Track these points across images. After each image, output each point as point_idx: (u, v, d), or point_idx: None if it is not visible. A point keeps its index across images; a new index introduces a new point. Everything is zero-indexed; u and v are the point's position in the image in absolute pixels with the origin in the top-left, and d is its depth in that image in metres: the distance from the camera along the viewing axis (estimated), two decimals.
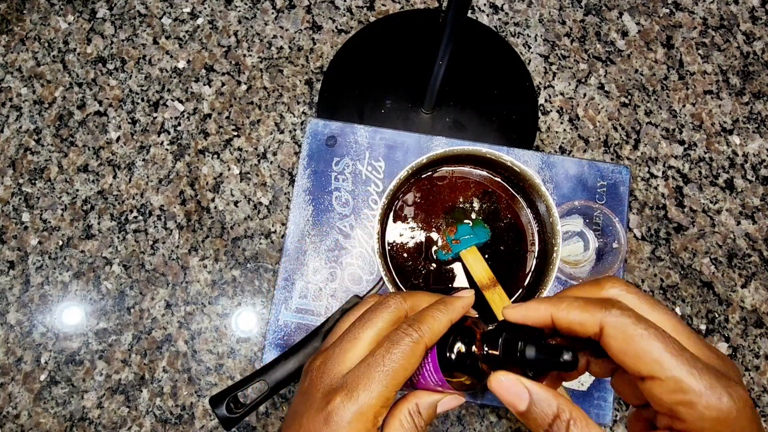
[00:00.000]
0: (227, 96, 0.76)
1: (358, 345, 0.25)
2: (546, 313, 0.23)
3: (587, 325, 0.22)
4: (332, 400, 0.23)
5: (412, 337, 0.24)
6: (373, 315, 0.26)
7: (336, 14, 0.79)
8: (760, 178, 0.73)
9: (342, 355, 0.24)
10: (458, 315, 0.27)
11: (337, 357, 0.24)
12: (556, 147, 0.74)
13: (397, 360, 0.23)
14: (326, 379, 0.24)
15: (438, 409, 0.27)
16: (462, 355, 0.25)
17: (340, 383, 0.23)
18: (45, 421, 0.65)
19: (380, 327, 0.25)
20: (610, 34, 0.79)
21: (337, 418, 0.22)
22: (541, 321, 0.23)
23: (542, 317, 0.23)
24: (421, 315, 0.25)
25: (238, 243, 0.70)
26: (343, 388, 0.23)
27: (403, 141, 0.55)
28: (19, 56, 0.77)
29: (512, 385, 0.22)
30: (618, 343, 0.21)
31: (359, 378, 0.23)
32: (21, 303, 0.68)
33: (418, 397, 0.26)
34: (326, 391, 0.23)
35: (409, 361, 0.24)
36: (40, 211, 0.71)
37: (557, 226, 0.41)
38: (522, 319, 0.24)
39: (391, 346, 0.24)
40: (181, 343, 0.67)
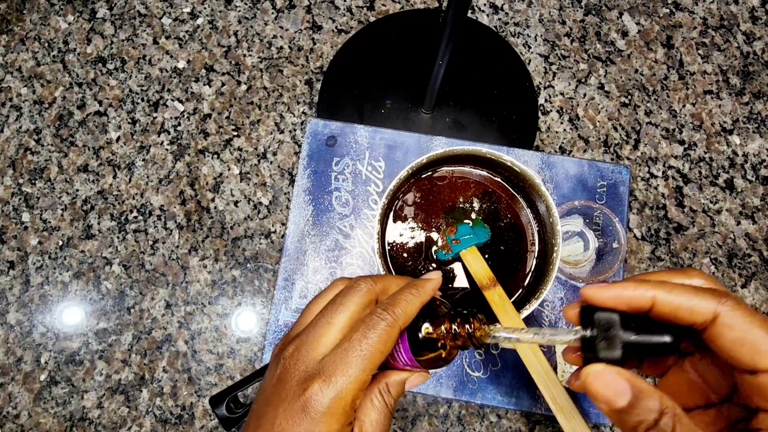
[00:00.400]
0: (227, 96, 0.76)
1: (332, 330, 0.24)
2: (648, 294, 0.21)
3: (698, 312, 0.20)
4: (309, 386, 0.22)
5: (387, 321, 0.24)
6: (345, 299, 0.25)
7: (336, 14, 0.79)
8: (760, 178, 0.73)
9: (316, 340, 0.24)
10: (428, 297, 0.27)
11: (311, 343, 0.24)
12: (556, 147, 0.74)
13: (373, 344, 0.23)
14: (301, 365, 0.23)
15: (405, 386, 0.28)
16: (430, 334, 0.26)
17: (316, 369, 0.23)
18: (45, 421, 0.65)
19: (353, 311, 0.25)
20: (610, 34, 0.79)
21: (315, 404, 0.22)
22: (636, 304, 0.21)
23: (641, 299, 0.21)
24: (394, 299, 0.26)
25: (238, 243, 0.70)
26: (320, 374, 0.23)
27: (403, 141, 0.55)
28: (19, 56, 0.77)
29: (612, 379, 0.20)
30: (734, 333, 0.20)
31: (336, 363, 0.23)
32: (21, 303, 0.68)
33: (387, 377, 0.27)
34: (302, 378, 0.23)
35: (385, 344, 0.24)
36: (40, 211, 0.71)
37: (557, 226, 0.41)
38: (614, 300, 0.22)
39: (368, 330, 0.24)
40: (181, 343, 0.67)
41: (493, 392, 0.49)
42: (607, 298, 0.22)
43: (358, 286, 0.26)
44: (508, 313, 0.38)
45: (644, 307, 0.22)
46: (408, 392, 0.65)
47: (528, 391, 0.50)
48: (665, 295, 0.21)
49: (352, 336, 0.24)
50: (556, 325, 0.51)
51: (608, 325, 0.21)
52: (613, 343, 0.21)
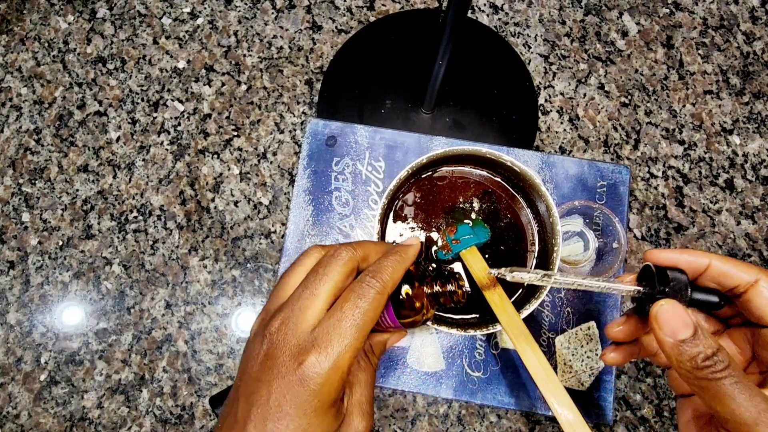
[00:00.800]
0: (227, 96, 0.76)
1: (317, 301, 0.24)
2: (703, 259, 0.26)
3: (741, 277, 0.25)
4: (305, 359, 0.22)
5: (377, 289, 0.24)
6: (328, 269, 0.25)
7: (336, 14, 0.79)
8: (760, 178, 0.73)
9: (302, 312, 0.24)
10: (411, 262, 0.28)
11: (298, 316, 0.24)
12: (556, 147, 0.74)
13: (365, 312, 0.23)
14: (291, 339, 0.23)
15: (387, 345, 0.29)
16: (411, 296, 0.28)
17: (309, 341, 0.23)
18: (45, 421, 0.65)
19: (337, 280, 0.25)
20: (610, 34, 0.79)
21: (313, 376, 0.22)
22: (695, 266, 0.26)
23: (699, 263, 0.26)
24: (380, 266, 0.26)
25: (238, 243, 0.70)
26: (315, 346, 0.22)
27: (403, 141, 0.55)
28: (19, 56, 0.77)
29: (680, 313, 0.23)
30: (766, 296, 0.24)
31: (331, 334, 0.23)
32: (21, 303, 0.68)
33: (370, 339, 0.28)
34: (295, 351, 0.23)
35: (375, 312, 0.24)
36: (40, 211, 0.71)
37: (557, 226, 0.41)
38: (676, 260, 0.26)
39: (359, 299, 0.24)
40: (181, 343, 0.67)
41: (493, 392, 0.49)
42: (671, 258, 0.27)
43: (339, 255, 0.26)
44: (508, 313, 0.38)
45: (699, 270, 0.26)
46: (408, 392, 0.65)
47: (528, 391, 0.50)
48: (719, 261, 0.26)
49: (344, 305, 0.24)
50: (556, 325, 0.51)
51: (680, 281, 0.26)
52: (680, 297, 0.25)
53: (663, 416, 0.66)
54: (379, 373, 0.46)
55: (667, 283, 0.26)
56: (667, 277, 0.26)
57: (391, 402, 0.63)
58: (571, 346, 0.51)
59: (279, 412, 0.22)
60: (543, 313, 0.51)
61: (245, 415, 0.23)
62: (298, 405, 0.22)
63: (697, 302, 0.26)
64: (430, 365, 0.51)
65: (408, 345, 0.50)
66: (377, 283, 0.25)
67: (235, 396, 0.24)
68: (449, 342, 0.50)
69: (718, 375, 0.22)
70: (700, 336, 0.23)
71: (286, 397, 0.22)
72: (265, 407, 0.22)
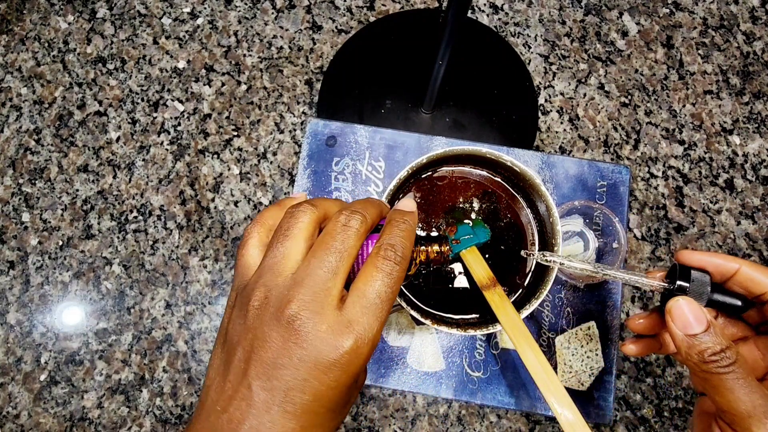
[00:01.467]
0: (227, 96, 0.76)
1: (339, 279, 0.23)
2: (733, 263, 0.27)
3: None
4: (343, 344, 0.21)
5: (402, 266, 0.24)
6: (344, 245, 0.23)
7: (336, 14, 0.79)
8: (760, 178, 0.73)
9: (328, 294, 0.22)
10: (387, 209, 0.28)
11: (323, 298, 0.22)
12: (556, 147, 0.74)
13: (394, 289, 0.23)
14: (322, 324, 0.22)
15: None
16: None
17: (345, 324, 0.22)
18: (45, 421, 0.65)
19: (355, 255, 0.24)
20: (610, 34, 0.79)
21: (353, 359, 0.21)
22: (723, 269, 0.27)
23: (728, 267, 0.27)
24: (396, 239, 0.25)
25: (238, 243, 0.70)
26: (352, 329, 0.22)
27: (403, 141, 0.55)
28: (19, 56, 0.77)
29: (694, 309, 0.25)
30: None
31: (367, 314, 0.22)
32: (21, 303, 0.68)
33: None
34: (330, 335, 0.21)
35: (398, 285, 0.24)
36: (40, 211, 0.71)
37: (557, 226, 0.41)
38: (706, 262, 0.27)
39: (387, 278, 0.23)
40: (181, 343, 0.67)
41: (493, 392, 0.49)
42: (701, 259, 0.27)
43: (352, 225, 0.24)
44: (508, 313, 0.38)
45: (727, 274, 0.27)
46: (408, 392, 0.65)
47: (528, 391, 0.50)
48: (749, 267, 0.26)
49: (375, 284, 0.23)
50: (556, 325, 0.51)
51: (701, 281, 0.27)
52: (700, 295, 0.26)
53: (663, 416, 0.66)
54: (379, 373, 0.46)
55: (688, 281, 0.27)
56: (689, 276, 0.27)
57: (391, 402, 0.63)
58: (571, 346, 0.51)
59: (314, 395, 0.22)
60: (543, 313, 0.51)
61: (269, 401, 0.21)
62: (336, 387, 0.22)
63: (717, 303, 0.27)
64: (430, 365, 0.51)
65: (408, 345, 0.50)
66: (401, 258, 0.24)
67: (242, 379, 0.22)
68: (449, 342, 0.50)
69: (722, 370, 0.23)
70: (711, 332, 0.24)
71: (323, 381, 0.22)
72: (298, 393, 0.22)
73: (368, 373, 0.45)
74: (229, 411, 0.22)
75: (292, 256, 0.24)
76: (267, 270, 0.23)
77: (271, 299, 0.22)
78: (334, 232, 0.24)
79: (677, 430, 0.66)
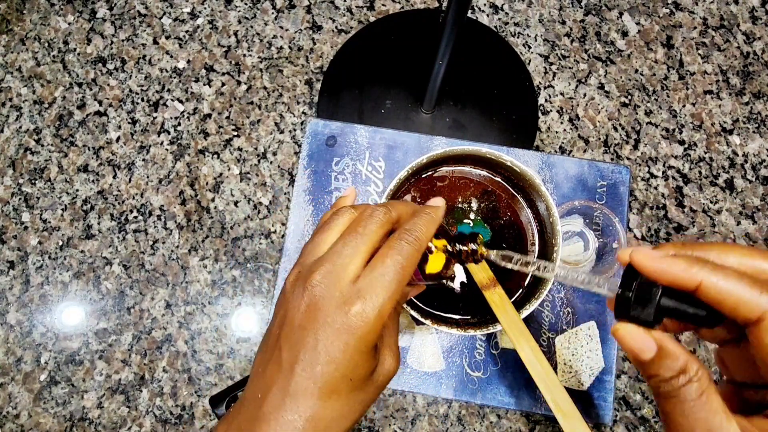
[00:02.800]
0: (227, 96, 0.76)
1: (357, 258, 0.26)
2: (695, 275, 0.21)
3: (742, 310, 0.19)
4: (351, 308, 0.24)
5: (414, 246, 0.27)
6: (366, 228, 0.27)
7: (336, 14, 0.79)
8: (760, 178, 0.73)
9: (344, 268, 0.26)
10: (441, 220, 0.30)
11: (340, 271, 0.26)
12: (556, 147, 0.74)
13: (404, 266, 0.26)
14: (335, 291, 0.25)
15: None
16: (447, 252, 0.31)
17: (354, 292, 0.25)
18: (45, 421, 0.65)
19: (374, 240, 0.27)
20: (610, 34, 0.79)
21: (359, 323, 0.24)
22: (682, 283, 0.21)
23: (686, 278, 0.21)
24: (415, 224, 0.28)
25: (238, 243, 0.70)
26: (360, 297, 0.24)
27: (403, 141, 0.55)
28: (19, 56, 0.77)
29: (639, 336, 0.22)
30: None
31: (375, 285, 0.25)
32: (21, 303, 0.68)
33: None
34: (341, 301, 0.25)
35: (412, 266, 0.26)
36: (40, 211, 0.71)
37: (557, 226, 0.41)
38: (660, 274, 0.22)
39: (398, 255, 0.26)
40: (181, 343, 0.67)
41: (493, 392, 0.49)
42: (655, 270, 0.22)
43: (376, 215, 0.28)
44: (508, 313, 0.38)
45: (688, 288, 0.21)
46: (408, 392, 0.65)
47: (528, 391, 0.50)
48: (714, 281, 0.20)
49: (385, 260, 0.26)
50: (556, 325, 0.51)
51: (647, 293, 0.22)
52: (647, 308, 0.22)
53: None
54: None
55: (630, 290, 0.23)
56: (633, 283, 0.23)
57: (391, 402, 0.64)
58: (571, 346, 0.51)
59: (327, 356, 0.24)
60: (543, 313, 0.51)
61: (292, 361, 0.24)
62: (346, 350, 0.24)
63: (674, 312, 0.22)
64: (430, 365, 0.51)
65: (408, 345, 0.50)
66: (414, 239, 0.27)
67: (275, 344, 0.26)
68: (449, 342, 0.50)
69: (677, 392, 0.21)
70: (664, 357, 0.21)
71: (334, 344, 0.24)
72: (313, 353, 0.24)
73: None
74: (265, 374, 0.25)
75: (326, 242, 0.28)
76: (304, 254, 0.28)
77: (303, 273, 0.26)
78: (359, 220, 0.27)
79: None
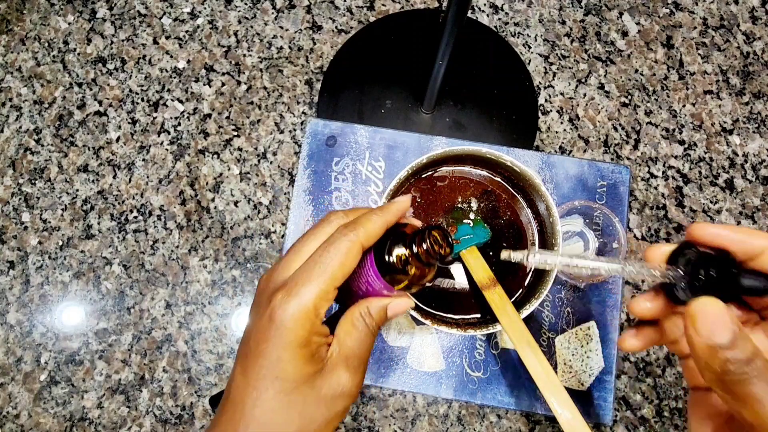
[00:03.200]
0: (227, 96, 0.76)
1: (300, 255, 0.26)
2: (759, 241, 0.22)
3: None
4: (274, 298, 0.24)
5: (347, 237, 0.25)
6: (316, 230, 0.27)
7: (336, 14, 0.79)
8: (760, 178, 0.73)
9: (287, 265, 0.26)
10: (393, 217, 0.28)
11: (282, 267, 0.26)
12: (556, 147, 0.74)
13: (333, 257, 0.25)
14: (271, 285, 0.26)
15: (389, 312, 0.28)
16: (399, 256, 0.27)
17: (281, 283, 0.25)
18: (45, 421, 0.65)
19: (323, 239, 0.26)
20: (610, 34, 0.79)
21: (280, 312, 0.24)
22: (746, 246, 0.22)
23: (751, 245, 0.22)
24: (356, 219, 0.27)
25: (238, 243, 0.70)
26: (283, 287, 0.25)
27: (403, 141, 0.55)
28: (19, 56, 0.77)
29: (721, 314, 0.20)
30: None
31: (298, 276, 0.25)
32: (21, 303, 0.68)
33: (368, 302, 0.28)
34: (270, 294, 0.25)
35: (346, 257, 0.25)
36: (40, 211, 0.71)
37: (557, 226, 0.41)
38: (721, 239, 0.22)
39: (328, 245, 0.25)
40: (181, 343, 0.67)
41: (493, 392, 0.49)
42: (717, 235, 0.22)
43: (328, 219, 0.28)
44: (508, 313, 0.39)
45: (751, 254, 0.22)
46: (408, 392, 0.65)
47: (528, 391, 0.50)
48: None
49: (314, 253, 0.26)
50: (556, 325, 0.51)
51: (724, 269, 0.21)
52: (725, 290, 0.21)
53: (663, 416, 0.66)
54: (379, 373, 0.46)
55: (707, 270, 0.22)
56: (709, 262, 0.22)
57: (391, 402, 0.63)
58: (571, 346, 0.51)
59: (257, 349, 0.24)
60: (543, 313, 0.51)
61: (236, 360, 0.25)
62: (269, 340, 0.24)
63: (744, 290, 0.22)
64: (430, 365, 0.51)
65: (408, 345, 0.50)
66: (349, 231, 0.26)
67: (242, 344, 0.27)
68: (449, 342, 0.50)
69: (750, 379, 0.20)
70: (739, 341, 0.20)
71: (261, 334, 0.24)
72: (246, 347, 0.25)
73: (368, 373, 0.45)
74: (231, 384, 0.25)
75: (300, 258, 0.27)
76: (283, 261, 0.27)
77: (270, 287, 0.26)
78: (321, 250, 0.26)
79: (677, 430, 0.66)
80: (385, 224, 0.27)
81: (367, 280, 0.28)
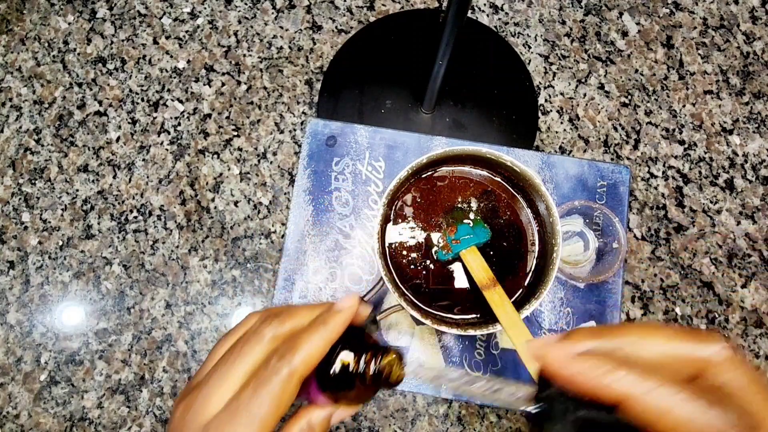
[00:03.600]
0: (227, 96, 0.76)
1: (224, 386, 0.21)
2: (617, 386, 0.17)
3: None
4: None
5: (281, 375, 0.21)
6: (245, 347, 0.22)
7: (336, 14, 0.79)
8: (760, 178, 0.73)
9: (208, 398, 0.21)
10: (338, 333, 0.23)
11: (201, 402, 0.21)
12: (556, 147, 0.74)
13: (265, 404, 0.20)
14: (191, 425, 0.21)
15: (332, 420, 0.25)
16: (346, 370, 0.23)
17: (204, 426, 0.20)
18: (45, 421, 0.65)
19: (252, 362, 0.22)
20: (610, 34, 0.79)
21: None
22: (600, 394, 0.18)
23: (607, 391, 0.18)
24: (293, 342, 0.22)
25: (238, 243, 0.70)
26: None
27: (403, 141, 0.55)
28: (19, 56, 0.77)
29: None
30: None
31: (222, 427, 0.20)
32: (21, 303, 0.68)
33: (309, 414, 0.24)
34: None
35: (280, 400, 0.21)
36: (40, 211, 0.71)
37: (557, 226, 0.41)
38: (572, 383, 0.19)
39: (258, 386, 0.21)
40: (181, 343, 0.67)
41: None
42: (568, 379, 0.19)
43: (261, 333, 0.23)
44: (508, 313, 0.39)
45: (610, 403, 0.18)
46: (408, 392, 0.65)
47: None
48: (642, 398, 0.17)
49: (241, 395, 0.21)
50: (556, 325, 0.51)
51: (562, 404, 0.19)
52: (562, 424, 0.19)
53: None
54: None
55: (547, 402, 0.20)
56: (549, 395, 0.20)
57: (391, 402, 0.64)
58: None
59: None
60: (543, 313, 0.51)
61: None
62: None
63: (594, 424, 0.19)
64: (430, 365, 0.51)
65: (408, 345, 0.50)
66: (284, 366, 0.21)
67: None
68: (449, 342, 0.50)
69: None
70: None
71: None
72: None
73: None
74: None
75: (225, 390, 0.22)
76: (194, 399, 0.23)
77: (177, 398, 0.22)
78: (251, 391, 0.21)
79: None
80: (330, 343, 0.23)
81: (307, 390, 0.24)
